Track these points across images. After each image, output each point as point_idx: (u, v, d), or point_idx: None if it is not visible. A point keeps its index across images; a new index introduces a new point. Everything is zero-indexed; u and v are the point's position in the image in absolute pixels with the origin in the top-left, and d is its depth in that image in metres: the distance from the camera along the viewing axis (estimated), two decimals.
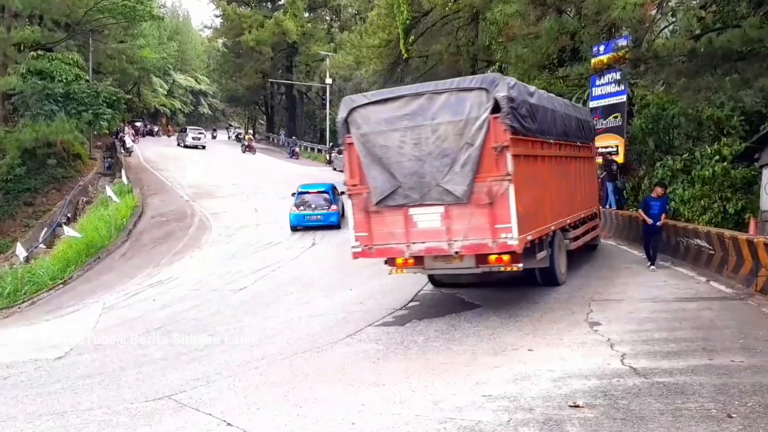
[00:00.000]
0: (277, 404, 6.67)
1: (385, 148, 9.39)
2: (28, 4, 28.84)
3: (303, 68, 57.58)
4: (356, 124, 9.66)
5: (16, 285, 21.14)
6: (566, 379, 6.68)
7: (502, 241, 8.93)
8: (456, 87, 9.12)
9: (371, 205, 9.57)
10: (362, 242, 9.84)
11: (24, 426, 6.64)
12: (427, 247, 9.43)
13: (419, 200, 9.27)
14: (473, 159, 8.87)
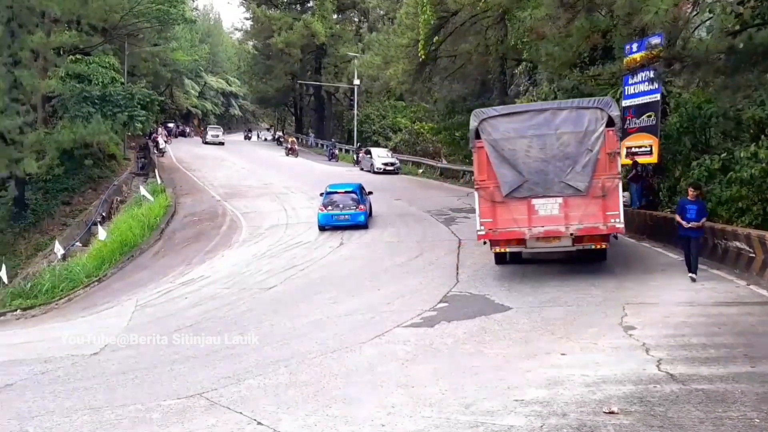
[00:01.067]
0: (307, 404, 6.69)
1: (513, 151, 11.77)
2: (67, 9, 29.45)
3: (331, 69, 57.80)
4: (486, 132, 12.01)
5: (54, 282, 21.61)
6: (600, 385, 6.56)
7: (611, 225, 11.62)
8: (576, 106, 11.97)
9: (498, 196, 11.89)
10: (487, 227, 12.04)
11: (61, 420, 6.77)
12: (546, 230, 11.80)
13: (542, 193, 11.72)
14: (592, 161, 11.50)
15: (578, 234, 11.76)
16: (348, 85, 52.42)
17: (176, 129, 61.86)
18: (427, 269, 14.52)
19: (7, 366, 10.14)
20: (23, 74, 27.78)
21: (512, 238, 12.13)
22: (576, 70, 22.77)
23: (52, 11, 29.18)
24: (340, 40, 55.87)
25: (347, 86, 53.60)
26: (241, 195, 28.92)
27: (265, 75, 60.82)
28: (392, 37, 38.67)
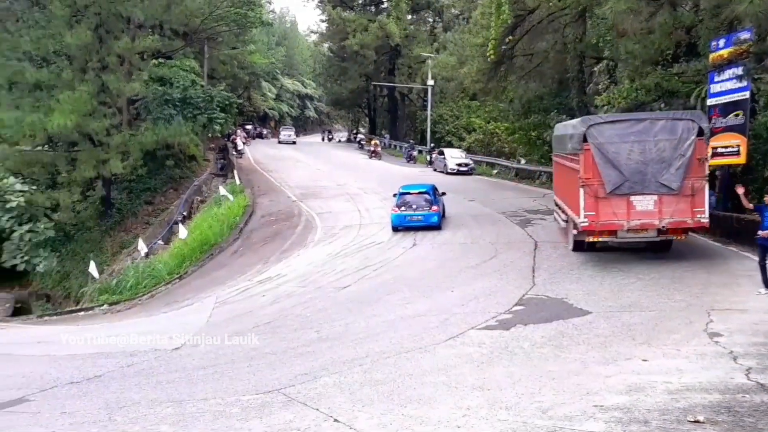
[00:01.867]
0: (382, 403, 6.67)
1: (616, 154, 13.43)
2: (150, 14, 30.77)
3: (405, 70, 57.91)
4: (593, 136, 13.62)
5: (138, 279, 22.59)
6: (684, 392, 6.23)
7: (697, 220, 13.27)
8: (671, 117, 13.70)
9: (601, 192, 13.45)
10: (590, 219, 13.56)
11: (146, 411, 7.04)
12: (641, 222, 13.47)
13: (640, 190, 13.36)
14: (684, 165, 13.20)
15: (669, 227, 13.40)
16: (422, 85, 52.34)
17: (254, 131, 63.68)
18: (501, 271, 14.26)
19: (95, 358, 10.69)
20: (110, 78, 29.14)
21: (612, 229, 13.73)
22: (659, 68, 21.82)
23: (136, 17, 30.52)
24: (414, 41, 55.91)
25: (421, 87, 53.54)
26: (315, 196, 29.39)
27: (339, 77, 61.64)
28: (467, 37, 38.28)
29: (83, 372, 9.54)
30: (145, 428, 6.40)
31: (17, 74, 28.58)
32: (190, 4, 32.66)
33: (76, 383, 8.88)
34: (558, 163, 18.24)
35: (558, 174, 18.51)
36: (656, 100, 21.10)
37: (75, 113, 26.96)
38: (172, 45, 35.00)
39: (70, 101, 26.95)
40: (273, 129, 74.44)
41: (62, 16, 28.43)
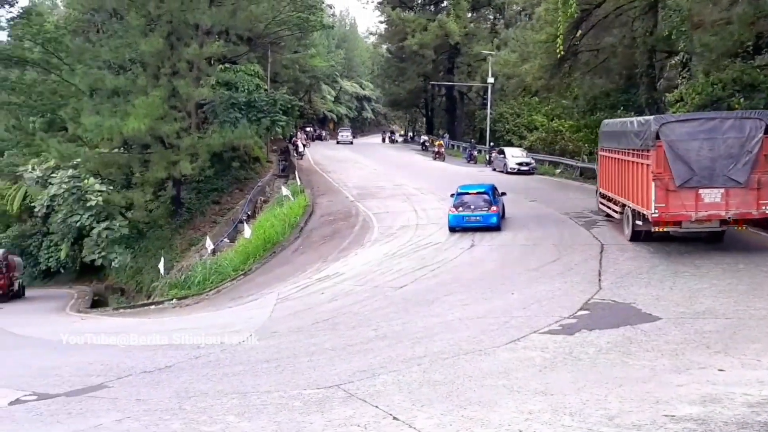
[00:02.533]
0: (441, 403, 6.67)
1: (686, 150, 14.27)
2: (217, 21, 31.81)
3: (464, 69, 57.50)
4: (665, 134, 14.43)
5: (205, 275, 23.37)
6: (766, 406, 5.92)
7: (762, 212, 14.16)
8: (739, 116, 14.48)
9: (672, 186, 14.31)
10: (660, 210, 14.46)
11: (213, 402, 7.30)
12: (708, 214, 14.37)
13: (708, 184, 14.19)
14: (751, 161, 13.96)
15: (735, 218, 14.30)
16: (481, 83, 51.85)
17: (313, 133, 64.70)
18: (565, 274, 13.96)
19: (166, 349, 11.13)
20: (180, 83, 30.28)
21: (680, 219, 14.65)
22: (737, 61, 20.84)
23: (204, 24, 31.59)
24: (474, 39, 55.42)
25: (480, 85, 53.05)
26: (373, 196, 29.58)
27: (397, 77, 61.81)
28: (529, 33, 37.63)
29: (155, 362, 9.96)
30: (212, 418, 6.62)
31: (97, 81, 30.13)
32: (255, 10, 33.51)
33: (149, 372, 9.29)
34: (610, 158, 18.93)
35: (610, 168, 18.93)
36: (734, 95, 20.11)
37: (148, 117, 28.14)
38: (237, 50, 35.96)
39: (144, 106, 28.14)
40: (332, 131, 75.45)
41: (138, 25, 29.75)
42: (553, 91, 37.68)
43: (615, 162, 18.28)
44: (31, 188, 34.97)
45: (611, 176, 18.80)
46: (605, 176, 19.71)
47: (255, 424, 6.34)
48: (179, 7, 29.47)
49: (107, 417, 6.93)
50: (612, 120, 22.43)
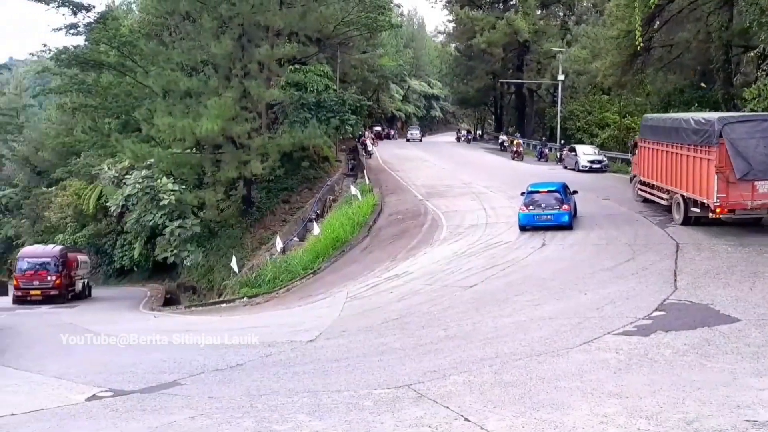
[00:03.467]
0: (514, 405, 6.55)
1: (745, 147, 16.33)
2: (288, 23, 32.41)
3: (534, 66, 56.49)
4: (726, 133, 16.40)
5: (275, 273, 23.88)
6: None
7: None
8: None
9: (732, 178, 16.38)
10: (721, 200, 16.46)
11: (285, 400, 7.41)
12: (762, 203, 16.56)
13: (763, 177, 16.36)
14: None
15: None
16: (551, 81, 50.75)
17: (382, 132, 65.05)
18: (639, 274, 13.46)
19: (237, 348, 11.39)
20: (251, 84, 31.02)
21: (738, 208, 16.70)
22: None
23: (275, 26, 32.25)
24: (544, 36, 54.37)
25: (550, 82, 51.95)
26: (441, 194, 29.44)
27: (466, 76, 61.54)
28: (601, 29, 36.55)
29: (227, 360, 10.23)
30: (283, 416, 6.72)
31: (170, 83, 31.23)
32: (325, 11, 33.93)
33: (221, 370, 9.55)
34: (657, 150, 21.11)
35: (656, 159, 21.10)
36: None
37: (220, 118, 28.97)
38: (307, 51, 36.51)
39: (216, 107, 28.99)
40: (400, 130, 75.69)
41: (210, 27, 30.69)
42: (625, 88, 36.50)
43: (664, 154, 20.32)
44: (107, 188, 36.54)
45: (657, 167, 20.94)
46: (649, 166, 21.92)
47: (326, 423, 6.39)
48: (250, 9, 30.16)
49: (181, 414, 7.11)
50: (656, 115, 25.31)
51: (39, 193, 48.90)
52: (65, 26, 40.63)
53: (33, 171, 56.84)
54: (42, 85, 61.79)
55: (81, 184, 42.39)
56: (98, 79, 41.01)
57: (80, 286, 30.06)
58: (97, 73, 40.79)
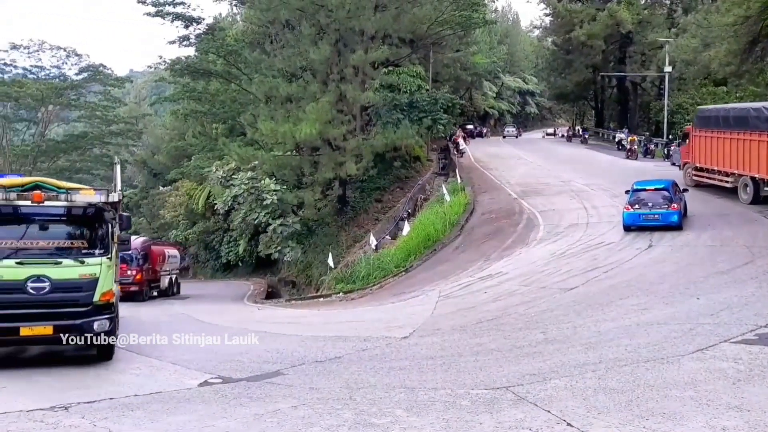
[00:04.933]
0: (620, 412, 6.22)
1: None
2: (381, 26, 32.71)
3: (638, 58, 53.88)
4: None
5: (368, 270, 24.22)
6: None
7: None
8: None
9: None
10: None
11: (382, 394, 7.44)
12: None
13: None
14: None
15: None
16: (657, 73, 48.16)
17: (474, 130, 64.33)
18: (760, 278, 12.46)
19: (334, 341, 11.64)
20: (347, 88, 31.63)
21: None
22: None
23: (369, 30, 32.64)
24: (649, 26, 51.74)
25: (656, 74, 49.32)
26: (537, 193, 28.66)
27: (564, 70, 59.81)
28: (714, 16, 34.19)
29: (325, 353, 10.45)
30: (381, 410, 6.74)
31: (272, 89, 32.48)
32: (418, 12, 33.95)
33: (320, 362, 9.75)
34: (719, 138, 22.70)
35: (718, 146, 22.77)
36: None
37: (318, 122, 29.74)
38: (400, 53, 36.73)
39: (315, 111, 29.79)
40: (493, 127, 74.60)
41: (308, 34, 31.62)
42: (743, 78, 33.94)
43: (729, 142, 21.96)
44: (215, 188, 38.48)
45: (720, 153, 22.64)
46: (707, 154, 23.83)
47: (424, 420, 6.34)
48: (346, 15, 30.73)
49: (284, 403, 7.33)
50: (713, 107, 27.33)
51: (155, 193, 52.52)
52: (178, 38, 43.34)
53: (150, 173, 61.21)
54: (158, 94, 66.33)
55: (192, 184, 45.08)
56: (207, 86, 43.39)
57: (166, 282, 28.99)
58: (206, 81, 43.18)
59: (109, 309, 9.87)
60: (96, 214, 10.16)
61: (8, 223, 9.81)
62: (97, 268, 9.70)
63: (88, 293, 9.54)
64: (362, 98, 32.54)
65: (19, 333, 9.11)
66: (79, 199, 9.92)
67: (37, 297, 9.20)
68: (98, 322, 9.49)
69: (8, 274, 9.17)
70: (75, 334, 9.29)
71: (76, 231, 10.24)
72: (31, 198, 9.53)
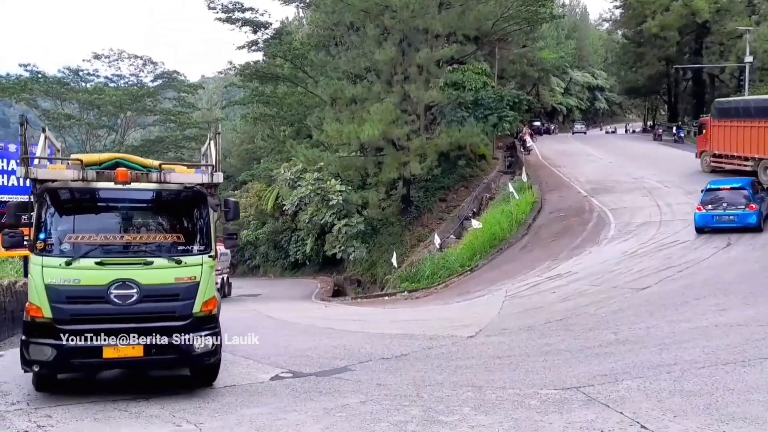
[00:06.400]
0: (697, 416, 6.00)
1: None
2: (447, 24, 32.53)
3: (715, 49, 51.29)
4: None
5: (433, 269, 24.23)
6: None
7: None
8: None
9: None
10: None
11: (449, 392, 7.45)
12: None
13: None
14: None
15: None
16: (737, 63, 45.77)
17: (541, 127, 63.06)
18: None
19: (401, 338, 11.72)
20: (411, 88, 31.64)
21: None
22: None
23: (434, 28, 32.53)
24: (728, 15, 49.13)
25: (736, 65, 46.85)
26: (608, 190, 27.84)
27: (635, 63, 57.86)
28: None
29: (392, 350, 10.54)
30: (449, 408, 6.76)
31: (337, 91, 32.98)
32: (483, 9, 33.62)
33: (387, 359, 9.85)
34: (738, 127, 25.59)
35: (737, 135, 25.61)
36: None
37: (382, 122, 29.94)
38: (465, 50, 36.36)
39: (379, 112, 30.01)
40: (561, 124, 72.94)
41: (373, 35, 31.84)
42: None
43: (749, 129, 24.84)
44: (283, 189, 39.42)
45: (738, 140, 25.49)
46: (725, 142, 26.52)
47: (492, 419, 6.32)
48: (410, 14, 30.75)
49: (352, 398, 7.45)
50: (731, 99, 31.75)
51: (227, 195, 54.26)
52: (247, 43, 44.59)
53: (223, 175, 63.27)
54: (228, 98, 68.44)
55: (261, 186, 46.47)
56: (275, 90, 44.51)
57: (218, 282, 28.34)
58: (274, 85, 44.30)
59: (212, 322, 7.72)
60: (195, 199, 7.97)
61: (84, 211, 7.90)
62: (197, 270, 7.60)
63: (186, 302, 7.48)
64: (426, 97, 32.48)
65: (101, 355, 7.09)
66: (176, 180, 7.80)
67: (123, 308, 7.19)
68: (200, 339, 7.42)
69: (87, 278, 7.15)
70: (171, 355, 7.37)
71: (170, 221, 8.23)
72: (115, 177, 7.42)
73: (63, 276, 7.11)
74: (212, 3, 41.73)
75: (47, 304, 7.05)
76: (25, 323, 7.28)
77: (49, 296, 7.06)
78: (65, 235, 7.46)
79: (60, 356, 7.00)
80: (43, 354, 7.00)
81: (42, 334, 7.05)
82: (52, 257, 7.23)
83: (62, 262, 7.16)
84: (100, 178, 7.52)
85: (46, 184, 7.43)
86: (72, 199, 7.74)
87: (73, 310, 7.10)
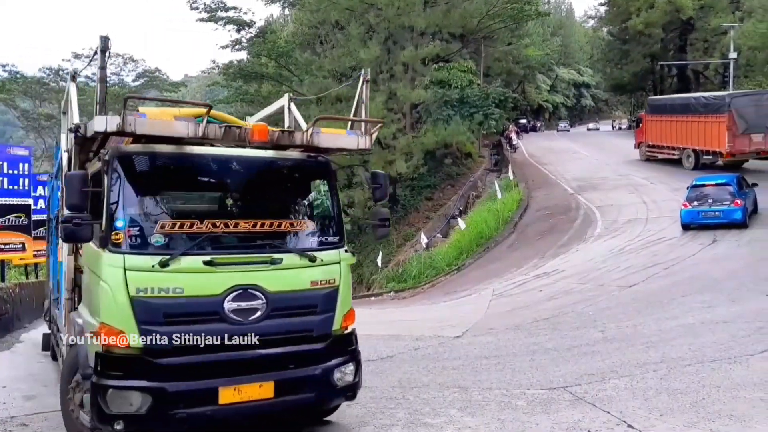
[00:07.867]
0: (684, 414, 5.97)
1: (744, 112, 24.34)
2: (432, 22, 32.52)
3: (700, 45, 51.76)
4: (734, 104, 21.91)
5: (420, 269, 24.13)
6: None
7: None
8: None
9: (736, 133, 24.66)
10: (730, 148, 24.77)
11: (435, 394, 7.36)
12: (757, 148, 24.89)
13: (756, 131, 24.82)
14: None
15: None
16: (721, 60, 46.15)
17: (528, 124, 63.22)
18: None
19: (387, 340, 11.55)
20: (397, 86, 31.62)
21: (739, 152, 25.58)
22: None
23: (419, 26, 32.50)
24: (711, 11, 49.58)
25: (720, 62, 47.23)
26: (594, 187, 27.92)
27: (620, 60, 58.29)
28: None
29: (378, 351, 10.40)
30: (435, 410, 6.66)
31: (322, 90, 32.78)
32: (468, 7, 33.60)
33: (373, 361, 9.69)
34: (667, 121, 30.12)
35: (666, 127, 30.15)
36: None
37: None
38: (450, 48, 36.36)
39: None
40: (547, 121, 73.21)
41: (358, 34, 31.75)
42: None
43: (675, 123, 29.20)
44: None
45: (667, 133, 29.97)
46: (656, 133, 31.17)
47: (478, 420, 6.24)
48: (395, 12, 30.69)
49: None
50: (661, 97, 38.73)
51: None
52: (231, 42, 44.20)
53: None
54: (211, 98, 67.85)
55: None
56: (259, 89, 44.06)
57: None
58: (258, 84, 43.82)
59: (352, 344, 5.76)
60: (323, 172, 5.85)
61: (183, 186, 5.58)
62: (335, 270, 5.49)
63: (325, 316, 5.37)
64: (412, 96, 32.45)
65: (217, 400, 4.80)
66: (326, 143, 5.82)
67: (245, 327, 4.94)
68: (340, 368, 5.43)
69: (194, 284, 4.86)
70: (307, 393, 5.21)
71: (298, 202, 5.91)
72: (249, 136, 5.32)
73: (158, 283, 4.75)
74: (194, 3, 41.30)
75: (135, 326, 4.68)
76: (98, 357, 4.77)
77: (137, 314, 4.69)
78: (156, 223, 4.96)
79: (157, 405, 4.65)
80: (129, 404, 4.62)
81: (128, 374, 4.69)
82: (138, 255, 4.80)
83: (155, 263, 4.76)
84: (227, 136, 5.28)
85: (120, 147, 5.06)
86: (160, 170, 5.19)
87: (177, 334, 4.73)
